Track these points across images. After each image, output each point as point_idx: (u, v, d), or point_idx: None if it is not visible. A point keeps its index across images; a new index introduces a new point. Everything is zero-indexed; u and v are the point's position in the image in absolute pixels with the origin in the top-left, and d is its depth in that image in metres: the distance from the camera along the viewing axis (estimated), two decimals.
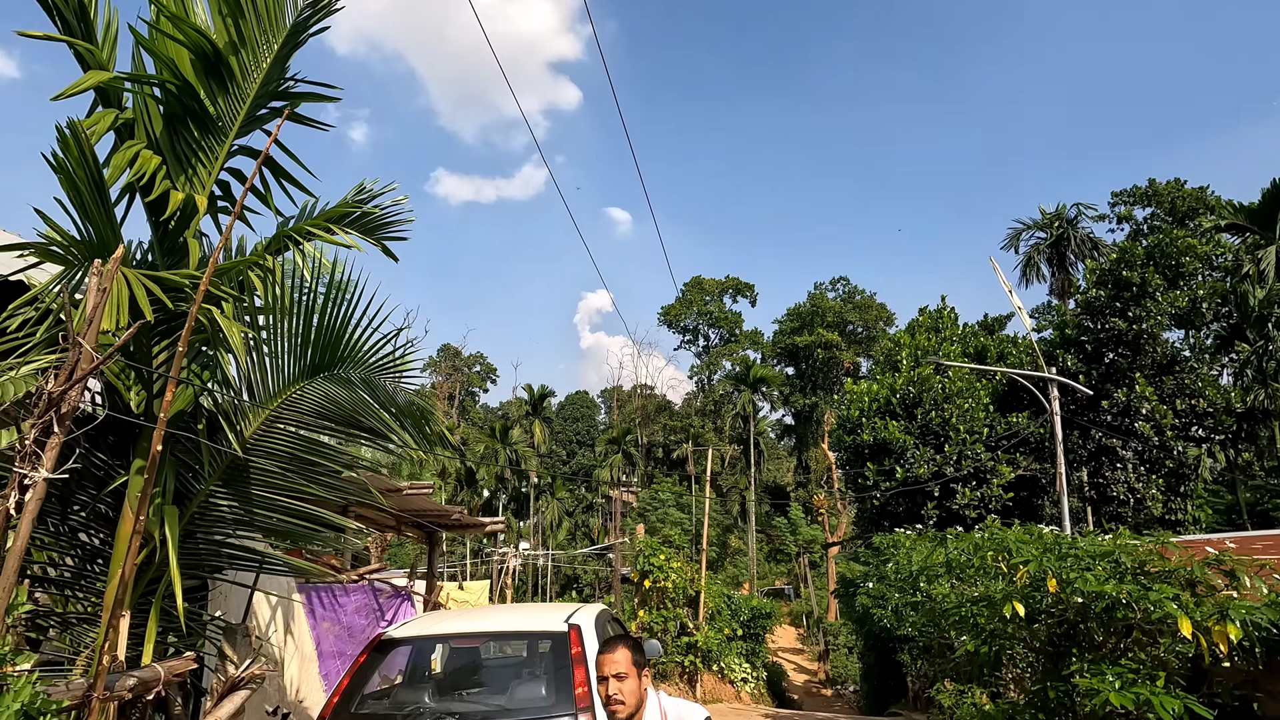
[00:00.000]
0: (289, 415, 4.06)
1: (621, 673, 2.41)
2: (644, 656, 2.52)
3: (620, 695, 2.38)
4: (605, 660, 2.46)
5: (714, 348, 56.29)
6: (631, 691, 2.40)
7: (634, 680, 2.42)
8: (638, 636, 2.62)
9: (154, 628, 3.54)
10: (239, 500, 4.12)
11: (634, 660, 2.45)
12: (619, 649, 2.47)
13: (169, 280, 3.01)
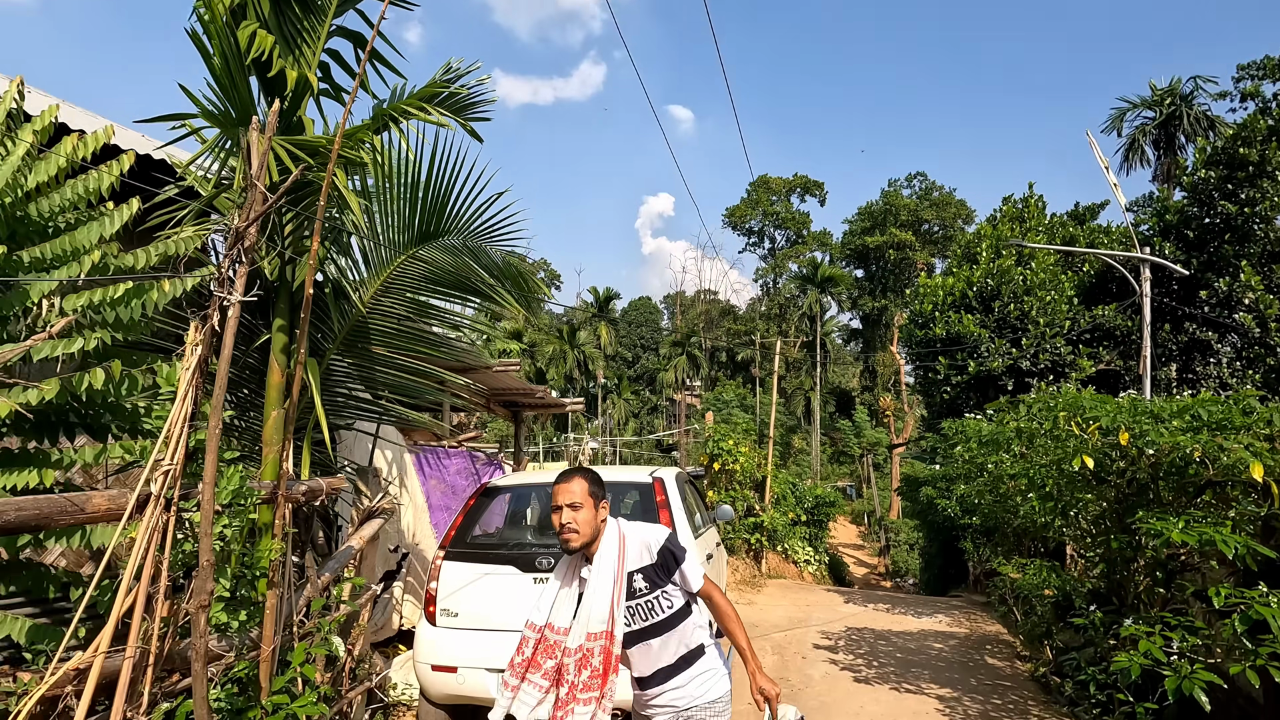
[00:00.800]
0: (400, 282, 4.46)
1: (576, 502, 2.36)
2: (603, 489, 2.47)
3: (574, 524, 2.34)
4: (559, 490, 2.40)
5: (780, 250, 54.95)
6: (586, 521, 2.35)
7: (589, 510, 2.36)
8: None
9: (307, 460, 4.15)
10: (359, 359, 4.63)
11: (590, 491, 2.39)
12: (574, 479, 2.41)
13: (304, 143, 3.34)
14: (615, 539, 2.39)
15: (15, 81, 2.67)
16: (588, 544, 2.36)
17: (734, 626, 2.36)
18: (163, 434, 2.41)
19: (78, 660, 2.15)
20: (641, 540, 2.40)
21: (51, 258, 2.52)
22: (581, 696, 2.24)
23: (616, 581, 2.32)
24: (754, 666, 2.31)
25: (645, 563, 2.37)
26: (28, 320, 2.45)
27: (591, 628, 2.28)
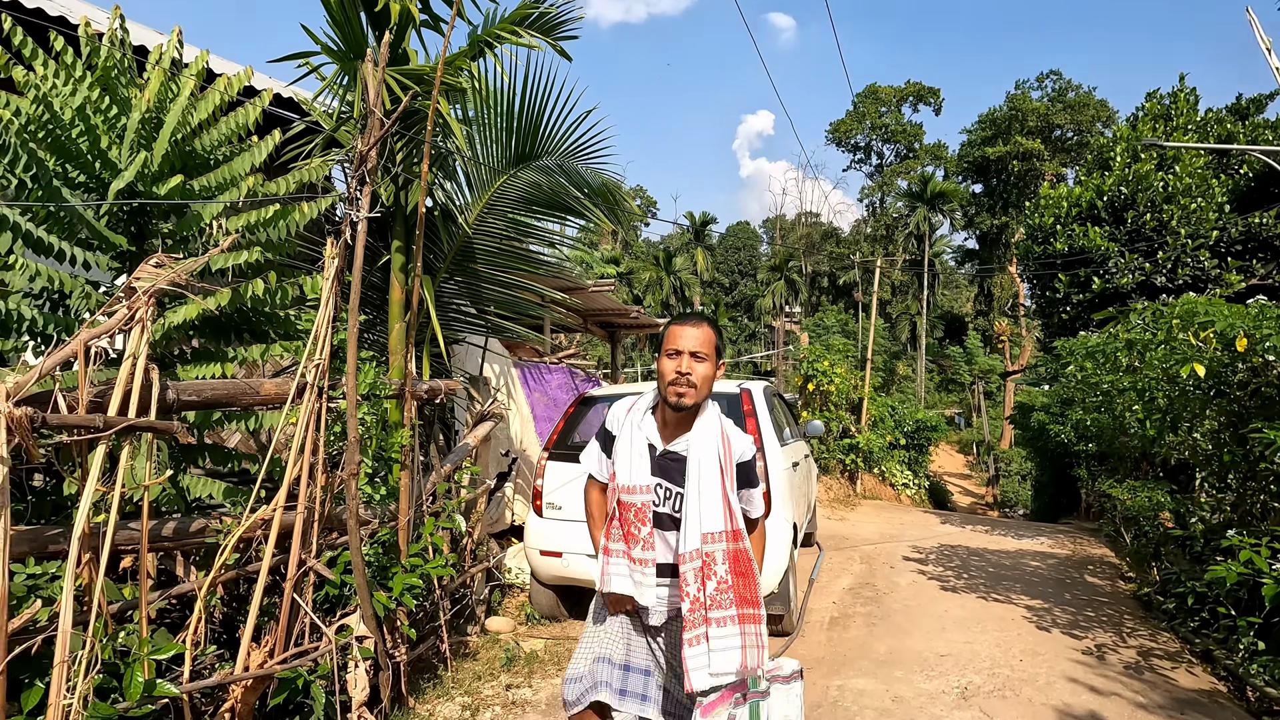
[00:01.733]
0: (500, 203, 4.78)
1: (700, 352, 1.94)
2: (724, 344, 2.12)
3: (693, 377, 1.92)
4: (680, 333, 1.96)
5: (889, 166, 51.58)
6: (705, 378, 1.94)
7: (710, 366, 1.96)
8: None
9: (426, 368, 4.66)
10: (467, 277, 5.05)
11: (716, 345, 2.00)
12: (704, 325, 2.00)
13: (410, 72, 3.62)
14: (717, 422, 2.01)
15: (175, 31, 3.08)
16: (696, 406, 1.96)
17: (759, 551, 2.09)
18: (312, 335, 2.86)
19: (263, 512, 2.69)
20: (740, 443, 2.04)
21: (214, 185, 2.98)
22: (713, 616, 1.86)
23: (725, 471, 1.94)
24: None
25: (741, 459, 2.01)
26: (202, 239, 2.93)
27: (708, 527, 1.89)
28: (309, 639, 2.85)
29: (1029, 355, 33.25)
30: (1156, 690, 3.88)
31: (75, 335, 2.09)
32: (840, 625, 5.07)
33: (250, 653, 2.51)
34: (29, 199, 2.59)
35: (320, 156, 4.27)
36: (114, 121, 2.69)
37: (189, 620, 2.45)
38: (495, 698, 3.74)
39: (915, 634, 4.85)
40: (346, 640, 2.85)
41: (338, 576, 2.95)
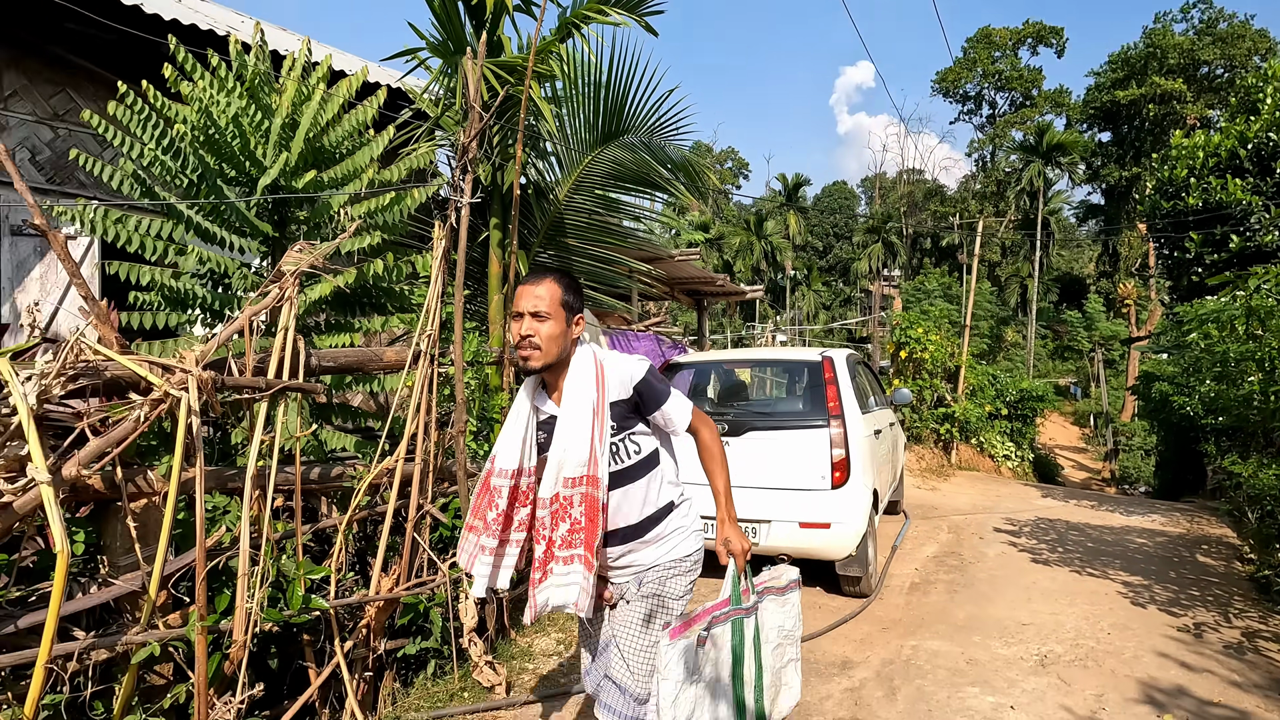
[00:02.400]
0: (588, 180, 5.04)
1: (541, 311, 1.85)
2: (579, 302, 1.96)
3: (536, 338, 1.85)
4: (520, 294, 1.90)
5: (1002, 116, 47.84)
6: (551, 337, 1.86)
7: (557, 324, 1.87)
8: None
9: None
10: (558, 250, 5.37)
11: (562, 300, 1.89)
12: (543, 281, 1.90)
13: (505, 64, 3.89)
14: (591, 365, 1.92)
15: (304, 41, 3.49)
16: (550, 365, 1.90)
17: (715, 466, 1.98)
18: (424, 309, 3.24)
19: (387, 463, 3.13)
20: (622, 372, 1.93)
21: (340, 177, 3.38)
22: (560, 554, 1.84)
23: (597, 415, 1.86)
24: (724, 514, 1.96)
25: (620, 397, 1.91)
26: (331, 225, 3.36)
27: (568, 471, 1.85)
28: (426, 573, 3.29)
29: (1157, 320, 30.47)
30: (1256, 670, 3.75)
31: (243, 311, 2.52)
32: (921, 591, 5.14)
33: (380, 580, 2.96)
34: (198, 196, 3.08)
35: (426, 142, 4.66)
36: (260, 126, 3.13)
37: (331, 550, 2.92)
38: None
39: (998, 602, 4.85)
40: (458, 575, 3.27)
41: (449, 520, 3.37)
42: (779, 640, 2.05)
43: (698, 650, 1.85)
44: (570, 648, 3.95)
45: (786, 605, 2.05)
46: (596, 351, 1.97)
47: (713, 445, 2.00)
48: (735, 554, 1.93)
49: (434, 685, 3.26)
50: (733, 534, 1.95)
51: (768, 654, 2.00)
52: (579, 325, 1.95)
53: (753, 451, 4.70)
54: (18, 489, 1.85)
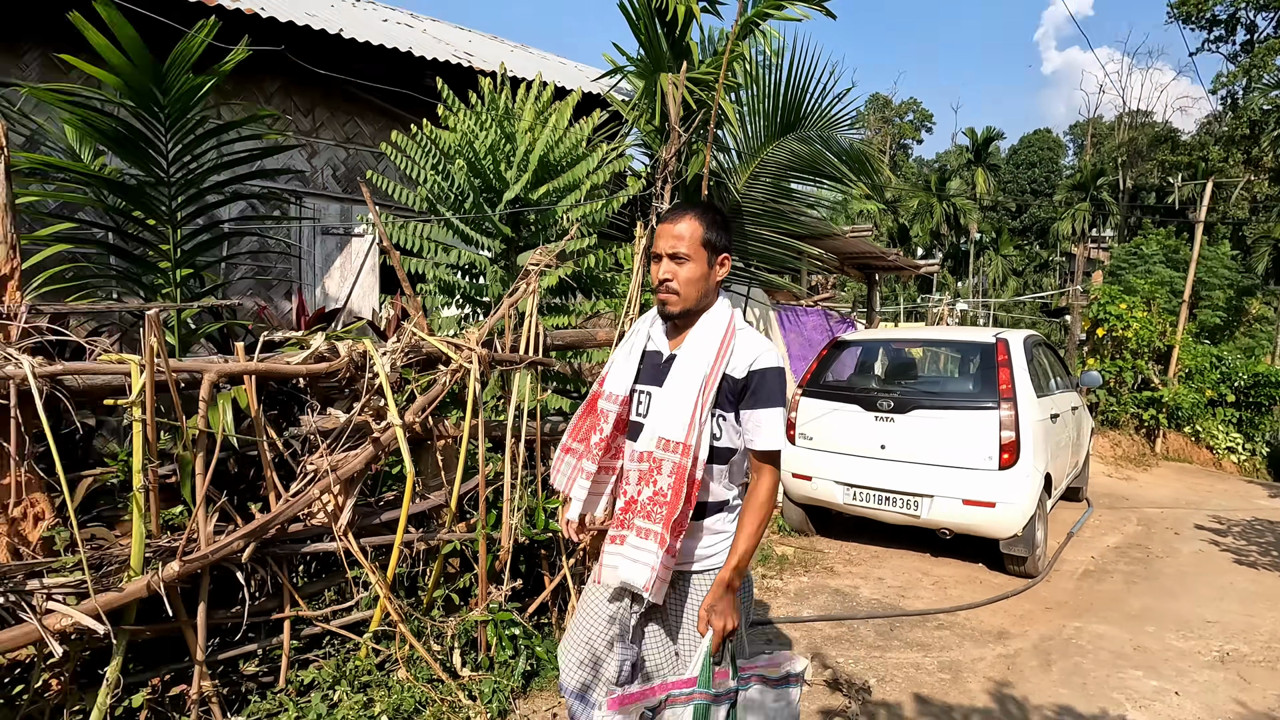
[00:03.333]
0: (765, 170, 5.43)
1: (680, 252, 1.69)
2: (725, 240, 1.75)
3: (674, 282, 1.70)
4: (660, 234, 1.73)
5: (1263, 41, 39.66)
6: (690, 280, 1.69)
7: (698, 266, 1.70)
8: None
9: None
10: (733, 235, 5.85)
11: (704, 239, 1.70)
12: (684, 218, 1.71)
13: (697, 78, 4.40)
14: (724, 324, 1.74)
15: (538, 76, 4.24)
16: (689, 312, 1.74)
17: (752, 515, 1.69)
18: (627, 296, 3.90)
19: None
20: (752, 349, 1.72)
21: (563, 187, 4.12)
22: (639, 523, 1.67)
23: (708, 381, 1.67)
24: (725, 575, 1.65)
25: (734, 373, 1.70)
26: (555, 228, 4.12)
27: (665, 432, 1.66)
28: None
29: None
30: None
31: (502, 301, 3.32)
32: (1094, 578, 5.10)
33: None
34: (460, 207, 3.96)
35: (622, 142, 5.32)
36: (506, 151, 3.93)
37: None
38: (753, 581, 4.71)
39: (1182, 598, 4.71)
40: None
41: None
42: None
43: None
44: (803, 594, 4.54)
45: (781, 701, 1.69)
46: (737, 315, 1.79)
47: (763, 494, 1.70)
48: (715, 628, 1.60)
49: None
50: (723, 604, 1.61)
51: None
52: (724, 266, 1.77)
53: (919, 429, 4.93)
54: (381, 429, 2.76)
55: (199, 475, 2.24)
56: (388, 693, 2.64)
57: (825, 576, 4.89)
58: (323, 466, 2.54)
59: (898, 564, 5.18)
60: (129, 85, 2.54)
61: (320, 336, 2.69)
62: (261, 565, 2.54)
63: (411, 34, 6.51)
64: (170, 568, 2.15)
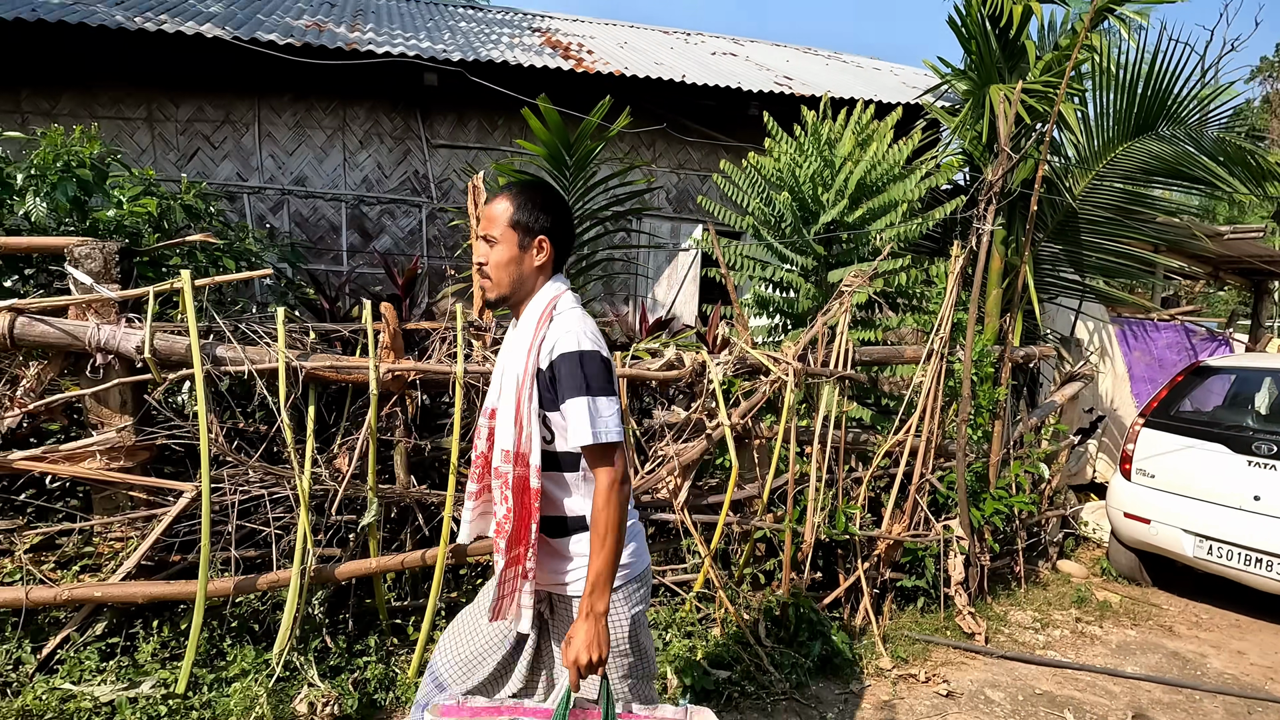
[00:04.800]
0: (1111, 173, 4.86)
1: (492, 235, 1.55)
2: (538, 217, 1.56)
3: (486, 265, 1.57)
4: (481, 213, 1.68)
5: None
6: (500, 264, 1.55)
7: (507, 249, 1.55)
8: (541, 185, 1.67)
9: (1019, 329, 5.27)
10: (1066, 244, 5.33)
11: (514, 220, 1.55)
12: (500, 198, 1.57)
13: (1034, 91, 4.20)
14: (538, 312, 1.55)
15: (860, 106, 4.46)
16: (505, 299, 1.59)
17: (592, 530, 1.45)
18: (939, 316, 3.95)
19: (900, 435, 4.00)
20: (553, 333, 1.51)
21: (878, 207, 4.30)
22: (500, 544, 1.54)
23: (522, 380, 1.51)
24: (588, 603, 1.43)
25: (544, 365, 1.51)
26: (867, 247, 4.32)
27: (502, 442, 1.53)
28: (922, 528, 4.10)
29: None
30: None
31: (818, 318, 3.67)
32: None
33: (890, 524, 3.89)
34: (779, 228, 4.38)
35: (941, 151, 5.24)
36: (825, 177, 4.25)
37: (854, 494, 3.97)
38: (1064, 623, 4.37)
39: None
40: (949, 536, 3.98)
41: (944, 489, 4.09)
42: None
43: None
44: (1045, 628, 4.28)
45: None
46: (562, 298, 1.58)
47: (598, 502, 1.45)
48: (566, 660, 1.41)
49: (920, 617, 4.08)
50: (581, 634, 1.40)
51: None
52: (541, 250, 1.57)
53: None
54: (713, 426, 3.33)
55: None
56: (706, 643, 3.21)
57: (1160, 635, 4.33)
58: (669, 453, 3.19)
59: (1267, 640, 4.34)
60: (550, 153, 3.47)
61: (672, 348, 3.34)
62: None
63: (736, 64, 7.15)
64: None
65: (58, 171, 2.43)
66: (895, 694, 3.27)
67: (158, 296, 2.40)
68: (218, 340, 2.53)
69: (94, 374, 2.37)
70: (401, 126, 5.61)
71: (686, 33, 8.85)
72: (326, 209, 5.40)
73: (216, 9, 5.54)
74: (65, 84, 4.96)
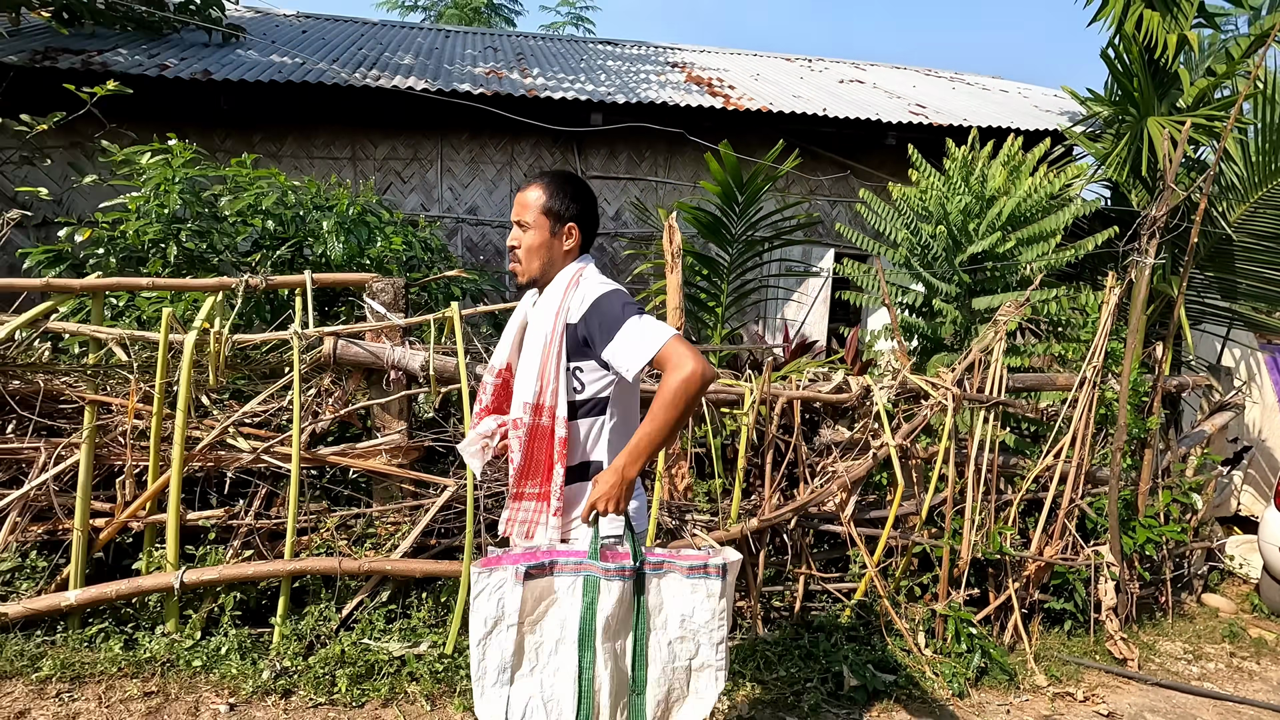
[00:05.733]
0: (1272, 199, 4.78)
1: (524, 220, 1.73)
2: (568, 205, 1.73)
3: (519, 249, 1.74)
4: (515, 200, 1.78)
5: None
6: (531, 249, 1.72)
7: (538, 234, 1.72)
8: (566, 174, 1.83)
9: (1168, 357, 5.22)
10: (1218, 271, 5.24)
11: (546, 207, 1.72)
12: (531, 186, 1.75)
13: (1190, 118, 4.24)
14: (565, 280, 1.72)
15: (1016, 141, 4.61)
16: (534, 282, 1.77)
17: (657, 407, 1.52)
18: (1092, 346, 4.05)
19: (1050, 460, 4.11)
20: (583, 289, 1.69)
21: (1028, 237, 4.43)
22: (528, 490, 1.70)
23: (551, 336, 1.66)
24: (621, 459, 1.58)
25: (573, 318, 1.67)
26: (1016, 277, 4.45)
27: (524, 395, 1.68)
28: (1070, 552, 4.18)
29: None
30: None
31: (974, 347, 3.85)
32: None
33: (1042, 547, 4.01)
34: (923, 255, 4.58)
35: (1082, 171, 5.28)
36: (975, 210, 4.43)
37: (1004, 514, 4.11)
38: (1217, 657, 4.33)
39: None
40: (1099, 561, 4.06)
41: (1093, 515, 4.17)
42: (681, 632, 1.62)
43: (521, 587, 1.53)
44: (1198, 660, 4.26)
45: (699, 592, 1.63)
46: (587, 269, 1.75)
47: (666, 389, 1.51)
48: (591, 498, 1.59)
49: (1067, 640, 4.16)
50: (605, 483, 1.57)
51: (658, 644, 1.61)
52: (570, 236, 1.75)
53: None
54: (878, 446, 3.58)
55: (768, 467, 3.35)
56: (870, 649, 3.46)
57: None
58: (840, 469, 3.47)
59: None
60: (723, 191, 3.83)
61: (840, 373, 3.62)
62: (780, 534, 3.59)
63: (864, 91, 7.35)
64: (750, 523, 3.29)
65: (356, 220, 2.98)
66: (1054, 710, 3.42)
67: (436, 324, 2.89)
68: (474, 360, 3.01)
69: (387, 387, 2.89)
70: (560, 160, 6.15)
71: (807, 59, 9.11)
72: (494, 235, 6.00)
73: (409, 60, 6.27)
74: (289, 128, 5.77)
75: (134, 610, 2.67)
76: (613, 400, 1.69)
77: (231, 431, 2.77)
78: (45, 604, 2.51)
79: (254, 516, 2.83)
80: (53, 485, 2.60)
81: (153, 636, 2.61)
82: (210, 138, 5.62)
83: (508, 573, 1.52)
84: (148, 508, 2.73)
